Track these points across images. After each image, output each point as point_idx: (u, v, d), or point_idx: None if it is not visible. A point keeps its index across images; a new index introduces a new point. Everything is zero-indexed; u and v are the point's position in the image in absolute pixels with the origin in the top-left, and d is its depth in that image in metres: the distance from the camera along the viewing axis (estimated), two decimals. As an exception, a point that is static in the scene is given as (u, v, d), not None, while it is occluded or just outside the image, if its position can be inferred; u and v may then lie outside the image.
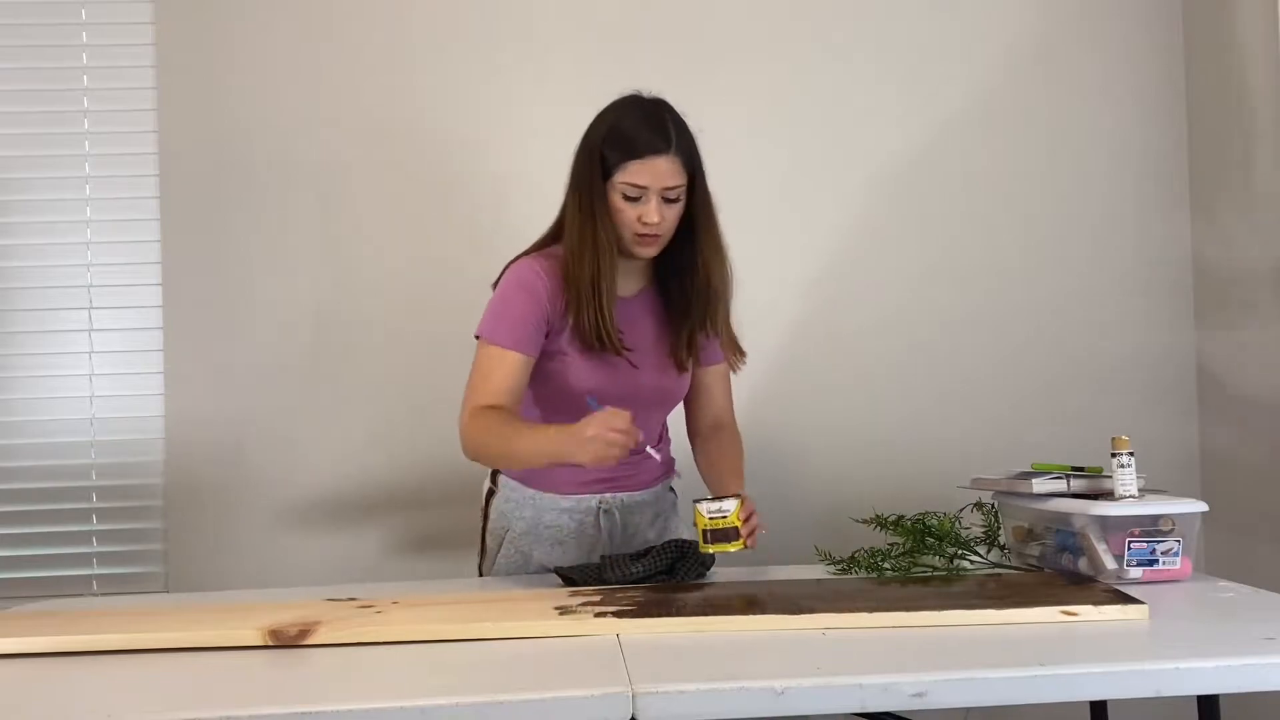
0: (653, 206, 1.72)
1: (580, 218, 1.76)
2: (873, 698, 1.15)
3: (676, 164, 1.72)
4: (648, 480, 1.93)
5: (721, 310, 1.85)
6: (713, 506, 1.67)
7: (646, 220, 1.72)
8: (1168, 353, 2.58)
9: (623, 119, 1.75)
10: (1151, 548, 1.60)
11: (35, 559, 2.46)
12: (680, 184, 1.74)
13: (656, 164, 1.71)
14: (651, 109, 1.77)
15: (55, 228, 2.49)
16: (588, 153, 1.77)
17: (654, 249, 1.78)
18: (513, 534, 1.89)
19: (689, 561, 1.72)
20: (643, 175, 1.71)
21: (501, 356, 1.75)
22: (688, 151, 1.75)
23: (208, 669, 1.27)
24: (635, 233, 1.74)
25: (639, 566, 1.69)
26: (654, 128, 1.73)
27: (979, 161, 2.57)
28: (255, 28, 2.50)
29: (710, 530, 1.66)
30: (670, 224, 1.76)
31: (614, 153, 1.73)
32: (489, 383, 1.75)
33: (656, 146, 1.71)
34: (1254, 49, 2.34)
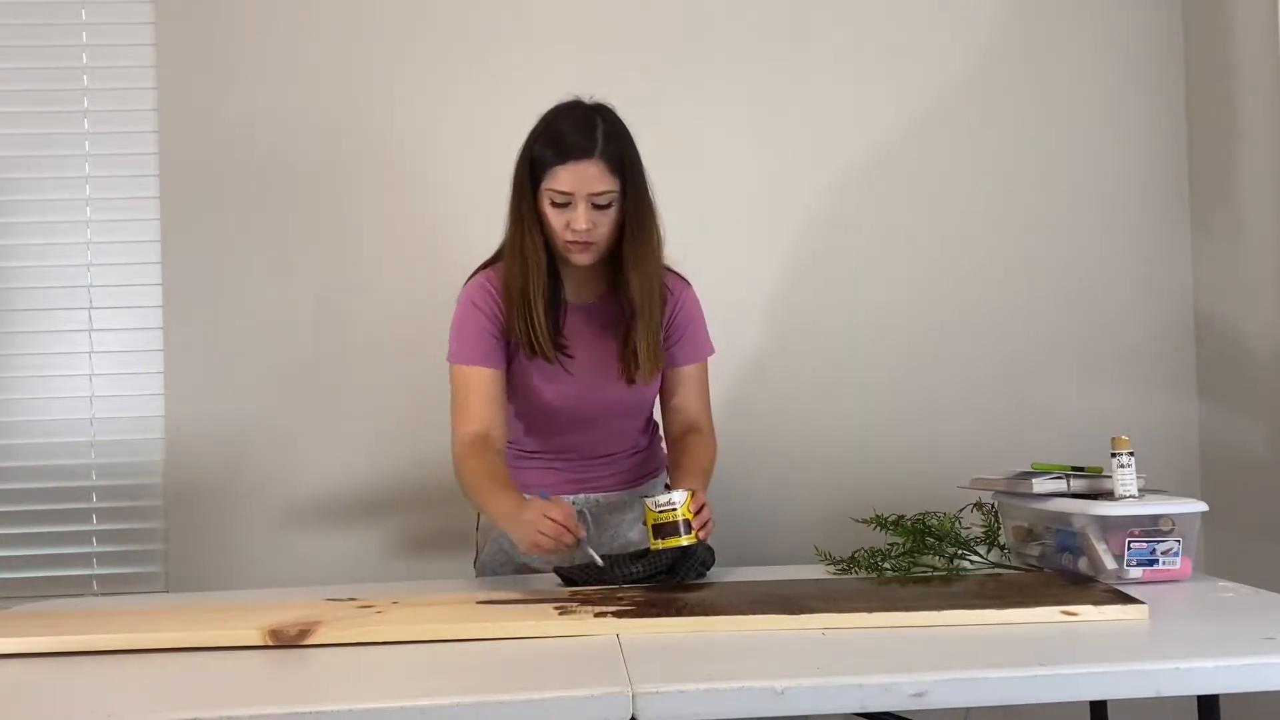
0: (580, 213, 1.69)
1: (512, 227, 1.77)
2: (873, 698, 1.15)
3: (603, 168, 1.68)
4: (625, 481, 1.93)
5: (642, 322, 1.77)
6: (660, 500, 1.65)
7: (575, 227, 1.69)
8: (1168, 352, 2.58)
9: (551, 124, 1.74)
10: (1151, 548, 1.60)
11: (35, 559, 2.46)
12: (609, 189, 1.70)
13: (582, 168, 1.68)
14: (581, 113, 1.74)
15: (55, 228, 2.49)
16: (522, 158, 1.76)
17: (588, 256, 1.74)
18: (495, 533, 1.91)
19: (690, 561, 1.72)
20: (567, 180, 1.68)
21: (470, 375, 1.77)
22: (617, 156, 1.70)
23: (208, 669, 1.27)
24: (565, 240, 1.72)
25: (639, 566, 1.69)
26: (580, 131, 1.70)
27: (978, 162, 2.57)
28: (255, 28, 2.50)
29: (658, 525, 1.64)
30: (604, 230, 1.72)
31: (541, 158, 1.71)
32: (468, 406, 1.77)
33: (581, 150, 1.68)
34: (1254, 49, 2.34)
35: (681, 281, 1.90)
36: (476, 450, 1.74)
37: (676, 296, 1.87)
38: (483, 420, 1.76)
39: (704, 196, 2.53)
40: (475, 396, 1.77)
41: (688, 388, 1.91)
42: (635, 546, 1.88)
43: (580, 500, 1.89)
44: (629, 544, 1.91)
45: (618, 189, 1.71)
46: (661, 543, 1.65)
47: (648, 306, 1.77)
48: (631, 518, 1.92)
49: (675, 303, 1.86)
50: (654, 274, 1.77)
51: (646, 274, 1.76)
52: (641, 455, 1.96)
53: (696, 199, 2.52)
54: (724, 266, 2.52)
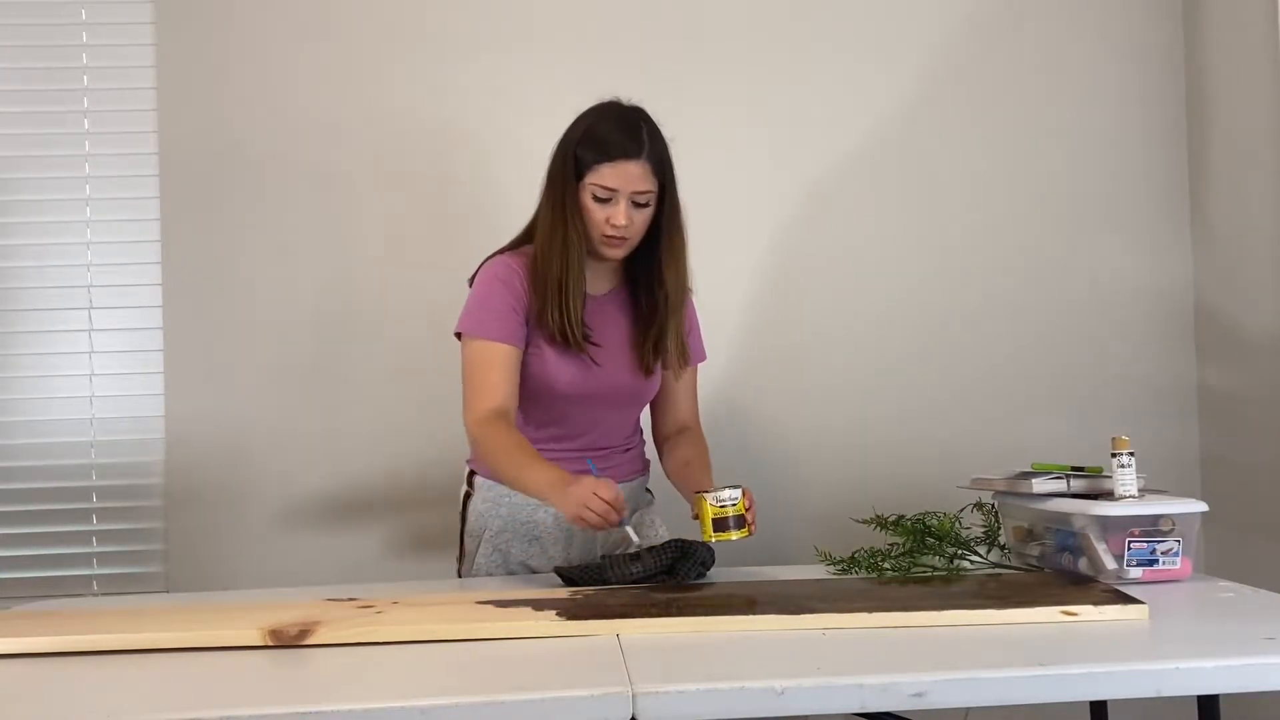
0: (621, 209, 1.76)
1: (552, 216, 1.81)
2: (873, 698, 1.15)
3: (647, 170, 1.77)
4: (621, 475, 1.94)
5: (673, 319, 1.87)
6: (721, 495, 1.70)
7: (615, 222, 1.76)
8: (1168, 353, 2.58)
9: (599, 122, 1.80)
10: (1151, 548, 1.60)
11: (35, 559, 2.46)
12: (650, 190, 1.78)
13: (628, 168, 1.75)
14: (628, 115, 1.81)
15: (55, 228, 2.49)
16: (563, 153, 1.81)
17: (621, 251, 1.81)
18: (489, 533, 1.91)
19: (689, 561, 1.72)
20: (613, 178, 1.75)
21: (492, 350, 1.80)
22: (659, 159, 1.79)
23: (208, 669, 1.27)
24: (603, 234, 1.78)
25: (639, 566, 1.69)
26: (628, 133, 1.77)
27: (978, 163, 2.57)
28: (255, 28, 2.50)
29: (718, 519, 1.70)
30: (639, 228, 1.80)
31: (587, 154, 1.77)
32: (487, 381, 1.79)
33: (629, 151, 1.75)
34: (1254, 49, 2.34)
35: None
36: (502, 424, 1.76)
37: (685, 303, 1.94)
38: (503, 396, 1.79)
39: (702, 195, 2.52)
40: (497, 372, 1.79)
41: (684, 388, 1.99)
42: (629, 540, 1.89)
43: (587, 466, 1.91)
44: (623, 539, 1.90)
45: (657, 189, 1.79)
46: (720, 536, 1.70)
47: (680, 302, 1.87)
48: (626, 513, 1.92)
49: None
50: (685, 272, 1.88)
51: (680, 271, 1.86)
52: (632, 453, 1.99)
53: (695, 198, 2.52)
54: (723, 267, 2.52)
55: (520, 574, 1.91)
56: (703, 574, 1.75)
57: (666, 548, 1.73)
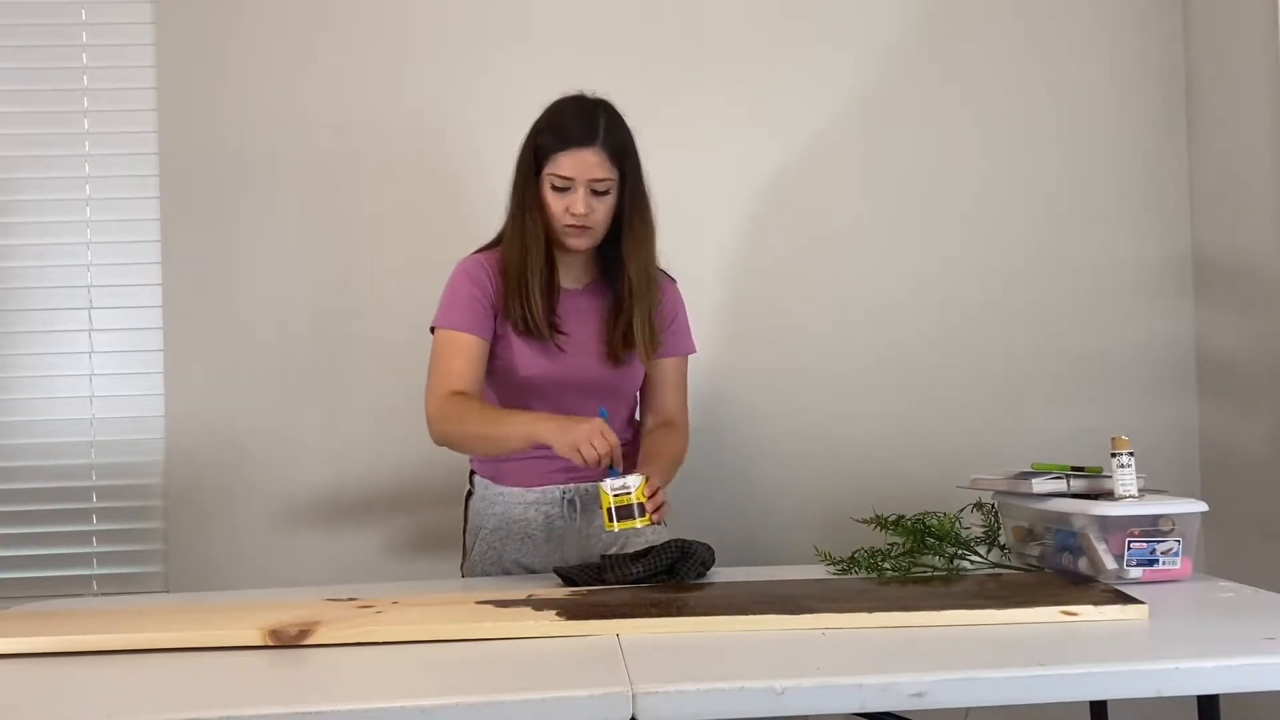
0: (579, 197, 1.77)
1: (514, 209, 1.84)
2: (873, 698, 1.15)
3: (603, 157, 1.77)
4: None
5: (639, 307, 1.86)
6: (615, 484, 1.68)
7: (574, 211, 1.78)
8: (1168, 352, 2.58)
9: (556, 114, 1.83)
10: (1151, 548, 1.60)
11: (35, 559, 2.46)
12: (608, 177, 1.79)
13: (583, 155, 1.76)
14: (585, 105, 1.83)
15: (55, 228, 2.49)
16: (525, 146, 1.84)
17: (584, 241, 1.82)
18: (484, 531, 1.93)
19: (690, 561, 1.72)
20: (569, 166, 1.77)
21: (458, 340, 1.82)
22: (617, 147, 1.79)
23: (208, 669, 1.27)
24: (564, 224, 1.80)
25: (639, 566, 1.69)
26: (583, 121, 1.79)
27: (978, 163, 2.57)
28: (255, 28, 2.50)
29: (615, 508, 1.67)
30: (601, 217, 1.81)
31: (545, 145, 1.80)
32: (451, 368, 1.81)
33: (584, 138, 1.77)
34: (1254, 49, 2.34)
35: (668, 278, 1.97)
36: (461, 397, 1.77)
37: (664, 291, 1.94)
38: (464, 382, 1.80)
39: (700, 195, 2.53)
40: (459, 360, 1.81)
41: (667, 381, 1.97)
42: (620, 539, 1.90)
43: (570, 490, 1.91)
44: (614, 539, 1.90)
45: (616, 178, 1.80)
46: (620, 524, 1.68)
47: (645, 290, 1.86)
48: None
49: (663, 297, 1.92)
50: (650, 262, 1.87)
51: (644, 260, 1.86)
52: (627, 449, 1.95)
53: (693, 197, 2.53)
54: (722, 267, 2.53)
55: (515, 573, 1.92)
56: (703, 574, 1.75)
57: (667, 548, 1.73)
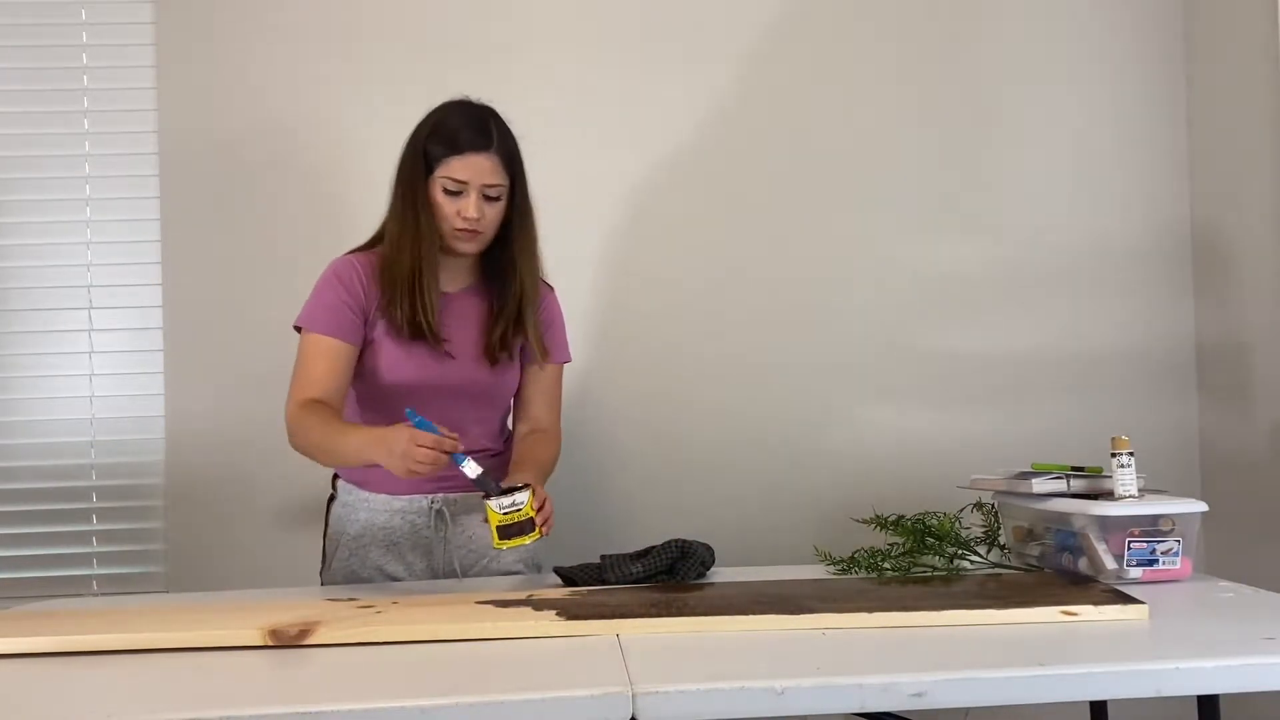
0: (472, 201, 1.77)
1: (403, 212, 1.82)
2: (873, 698, 1.15)
3: (497, 163, 1.78)
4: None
5: (529, 312, 1.86)
6: (504, 502, 1.63)
7: (466, 214, 1.77)
8: (1168, 352, 2.58)
9: (448, 118, 1.82)
10: (1151, 548, 1.60)
11: (35, 559, 2.46)
12: (500, 183, 1.79)
13: (478, 160, 1.77)
14: (476, 110, 1.83)
15: (55, 228, 2.49)
16: (412, 150, 1.83)
17: (474, 245, 1.82)
18: (347, 537, 1.91)
19: (690, 561, 1.72)
20: (463, 170, 1.77)
21: (321, 344, 1.81)
22: (509, 154, 1.81)
23: (208, 669, 1.27)
24: (455, 228, 1.79)
25: (639, 566, 1.69)
26: (477, 127, 1.79)
27: (976, 164, 2.57)
28: (255, 28, 2.50)
29: (504, 526, 1.63)
30: (491, 222, 1.81)
31: (437, 148, 1.79)
32: (311, 373, 1.80)
33: (478, 144, 1.77)
34: (1255, 49, 2.34)
35: (548, 287, 1.97)
36: (316, 407, 1.75)
37: (545, 301, 1.94)
38: (324, 389, 1.78)
39: (699, 194, 2.53)
40: (321, 365, 1.80)
41: (540, 387, 1.96)
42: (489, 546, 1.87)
43: (439, 500, 1.89)
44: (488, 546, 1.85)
45: (506, 184, 1.80)
46: (509, 542, 1.64)
47: (533, 295, 1.87)
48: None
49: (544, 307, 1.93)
50: (531, 270, 1.87)
51: (532, 265, 1.87)
52: (498, 459, 1.94)
53: (691, 197, 2.53)
54: (721, 267, 2.53)
55: (376, 580, 1.89)
56: (702, 574, 1.75)
57: (667, 548, 1.74)
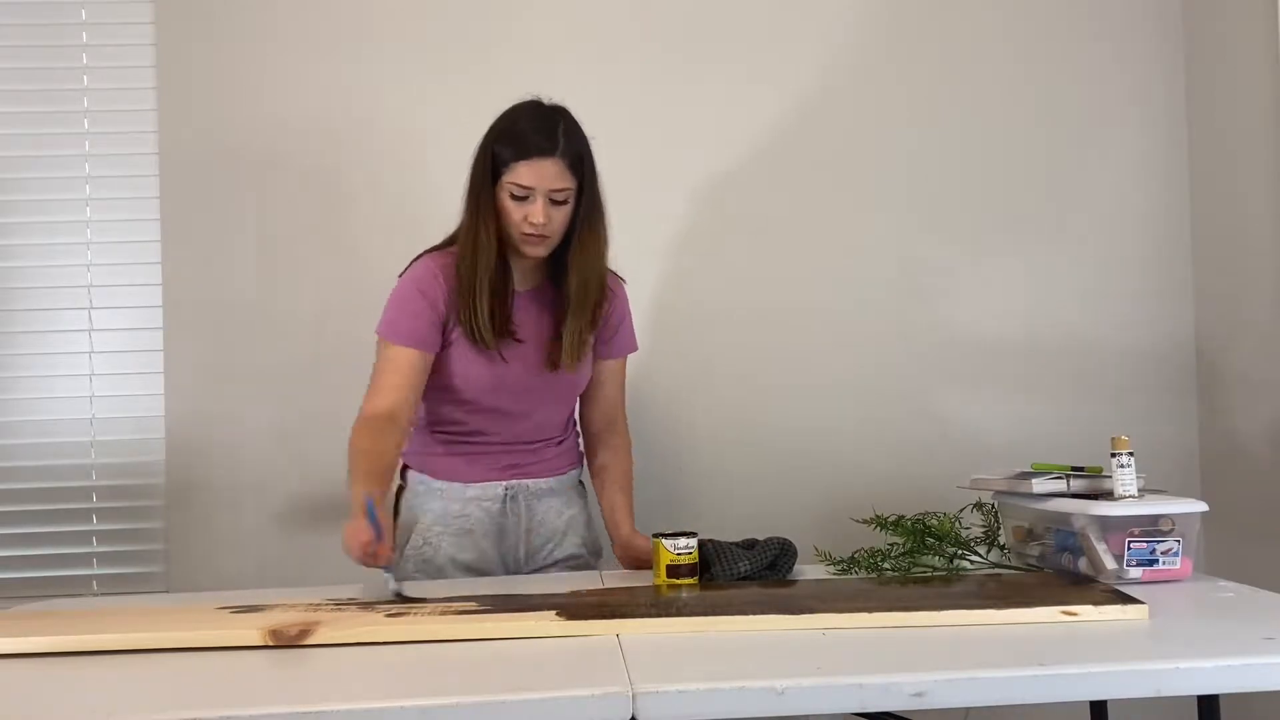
0: (538, 207, 1.77)
1: (469, 217, 1.84)
2: (873, 698, 1.15)
3: (563, 167, 1.77)
4: (554, 468, 1.98)
5: (574, 320, 1.86)
6: (680, 544, 1.68)
7: (532, 220, 1.77)
8: (1168, 353, 2.58)
9: (515, 121, 1.82)
10: (1151, 548, 1.60)
11: (35, 559, 2.46)
12: (567, 187, 1.78)
13: (543, 165, 1.76)
14: (545, 113, 1.82)
15: (55, 228, 2.49)
16: (482, 152, 1.83)
17: (541, 249, 1.82)
18: (421, 525, 1.94)
19: (788, 556, 1.75)
20: (529, 175, 1.76)
21: (398, 354, 1.83)
22: (576, 156, 1.79)
23: (208, 669, 1.27)
24: (522, 232, 1.79)
25: (745, 564, 1.70)
26: (543, 131, 1.78)
27: (977, 165, 2.57)
28: (255, 28, 2.50)
29: (673, 565, 1.67)
30: (558, 226, 1.80)
31: (504, 153, 1.79)
32: (383, 383, 1.83)
33: (544, 148, 1.76)
34: (1254, 49, 2.34)
35: (617, 279, 1.98)
36: (371, 429, 1.79)
37: (614, 294, 1.95)
38: (393, 400, 1.81)
39: (698, 195, 2.53)
40: (395, 375, 1.82)
41: (613, 381, 2.01)
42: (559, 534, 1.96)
43: (513, 486, 1.93)
44: (555, 532, 1.95)
45: (574, 187, 1.79)
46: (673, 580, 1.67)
47: (582, 302, 1.85)
48: (558, 504, 1.98)
49: (613, 300, 1.94)
50: (595, 273, 1.86)
51: (587, 272, 1.85)
52: (564, 447, 2.01)
53: (691, 197, 2.53)
54: (721, 267, 2.53)
55: (450, 573, 1.92)
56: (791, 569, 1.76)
57: (769, 544, 1.75)
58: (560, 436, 2.00)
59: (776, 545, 1.75)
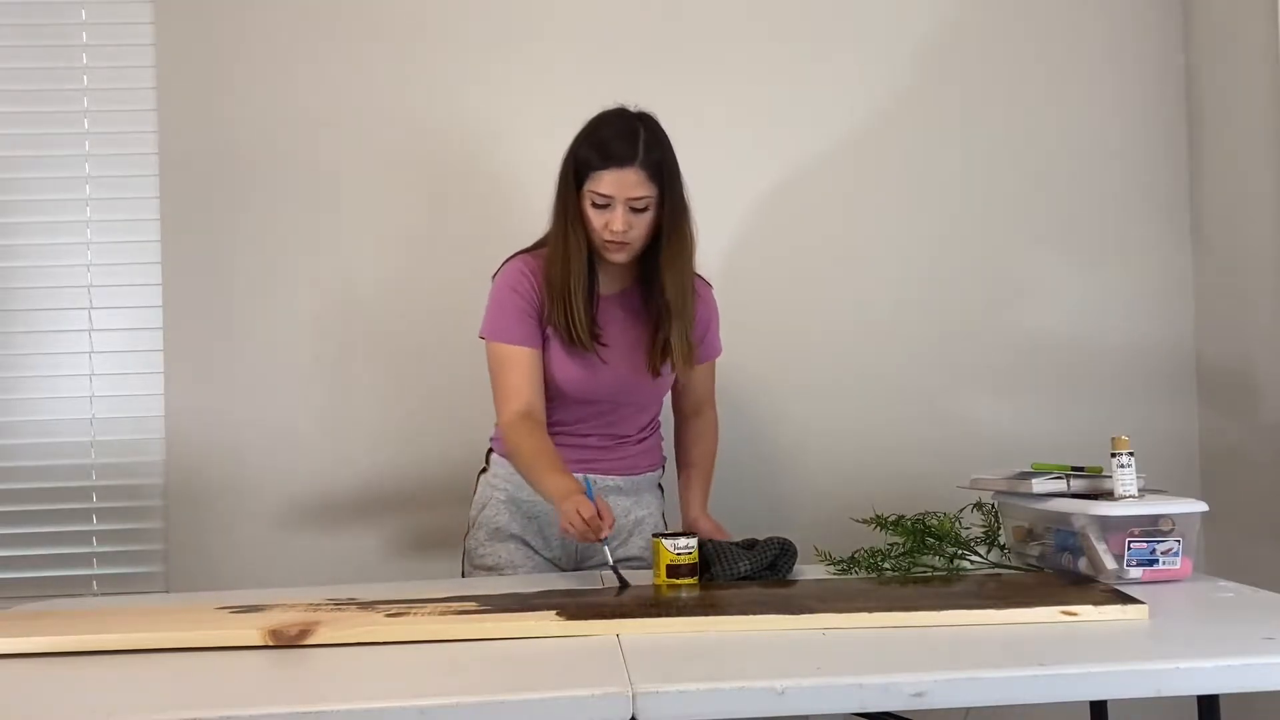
0: (619, 215, 1.79)
1: (556, 223, 1.86)
2: (873, 698, 1.15)
3: (642, 176, 1.78)
4: (629, 467, 1.99)
5: (677, 323, 1.88)
6: (680, 544, 1.68)
7: (613, 228, 1.79)
8: (1168, 352, 2.58)
9: (596, 130, 1.83)
10: (1151, 548, 1.60)
11: (35, 559, 2.46)
12: (647, 195, 1.80)
13: (622, 174, 1.78)
14: (626, 121, 1.83)
15: (55, 228, 2.49)
16: (567, 160, 1.85)
17: (623, 255, 1.84)
18: (495, 503, 1.98)
19: (788, 557, 1.75)
20: (608, 185, 1.78)
21: (512, 353, 1.87)
22: (656, 164, 1.80)
23: (208, 669, 1.27)
24: (604, 239, 1.81)
25: (746, 564, 1.70)
26: (623, 139, 1.79)
27: (977, 165, 2.57)
28: (255, 28, 2.50)
29: (672, 565, 1.67)
30: (640, 233, 1.82)
31: (585, 162, 1.81)
32: (509, 384, 1.87)
33: (623, 158, 1.78)
34: (1254, 49, 2.34)
35: (705, 284, 2.01)
36: (527, 428, 1.84)
37: (702, 298, 1.97)
38: (526, 397, 1.86)
39: (701, 196, 2.53)
40: (518, 374, 1.87)
41: (702, 380, 2.06)
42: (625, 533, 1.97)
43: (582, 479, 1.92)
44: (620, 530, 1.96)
45: (655, 195, 1.81)
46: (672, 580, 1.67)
47: (682, 306, 1.88)
48: (626, 503, 1.98)
49: (699, 303, 1.96)
50: (687, 276, 1.89)
51: (679, 276, 1.87)
52: (646, 445, 2.03)
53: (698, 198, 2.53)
54: (723, 266, 2.53)
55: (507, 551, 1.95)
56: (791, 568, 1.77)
57: (769, 544, 1.75)
58: (640, 436, 2.01)
59: (776, 545, 1.75)
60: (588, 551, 1.97)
